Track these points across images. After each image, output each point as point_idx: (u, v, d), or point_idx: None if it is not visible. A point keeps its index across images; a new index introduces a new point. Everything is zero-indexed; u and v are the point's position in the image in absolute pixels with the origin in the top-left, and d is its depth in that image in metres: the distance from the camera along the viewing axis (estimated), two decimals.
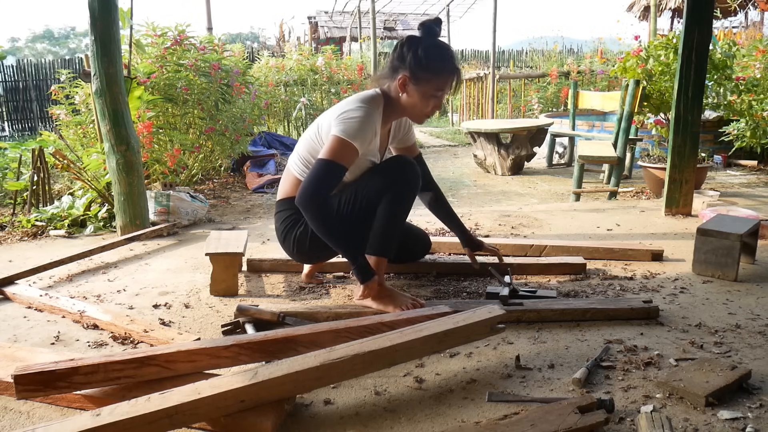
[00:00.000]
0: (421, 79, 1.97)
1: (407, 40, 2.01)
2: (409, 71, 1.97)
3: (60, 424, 1.24)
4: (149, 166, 4.28)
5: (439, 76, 1.98)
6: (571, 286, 2.38)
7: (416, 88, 1.99)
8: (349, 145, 1.92)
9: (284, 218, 2.18)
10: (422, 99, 2.01)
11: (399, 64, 2.00)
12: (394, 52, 2.03)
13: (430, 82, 1.97)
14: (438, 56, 1.98)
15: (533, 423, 1.33)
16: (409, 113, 2.08)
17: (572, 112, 6.32)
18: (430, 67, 1.96)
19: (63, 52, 41.29)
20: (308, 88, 8.49)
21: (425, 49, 1.96)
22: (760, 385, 1.57)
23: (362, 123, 1.94)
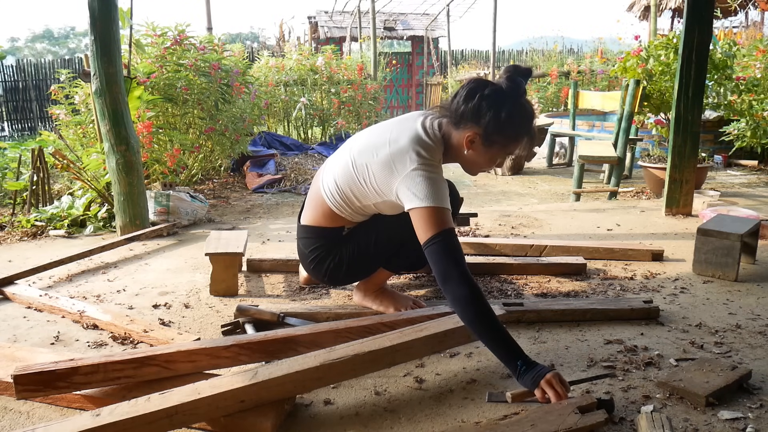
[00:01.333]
0: (495, 143, 1.74)
1: (492, 93, 1.70)
2: (483, 131, 1.71)
3: (60, 424, 1.24)
4: (149, 166, 4.28)
5: (516, 142, 1.77)
6: (571, 286, 2.37)
7: (485, 150, 1.76)
8: (441, 210, 1.67)
9: (313, 247, 2.02)
10: (488, 159, 1.80)
11: (472, 117, 1.71)
12: (468, 98, 1.72)
13: (504, 148, 1.77)
14: (520, 122, 1.73)
15: (533, 423, 1.33)
16: (467, 167, 1.86)
17: (572, 112, 6.32)
18: (507, 131, 1.72)
19: (63, 52, 41.29)
20: (308, 88, 8.49)
21: (509, 114, 1.69)
22: (760, 385, 1.57)
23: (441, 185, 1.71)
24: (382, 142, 1.80)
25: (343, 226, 1.99)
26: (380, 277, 2.11)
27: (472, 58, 16.87)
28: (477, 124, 1.71)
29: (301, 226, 2.08)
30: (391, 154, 1.75)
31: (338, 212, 1.95)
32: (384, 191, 1.80)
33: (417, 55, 16.30)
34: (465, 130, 1.74)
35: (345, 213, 1.95)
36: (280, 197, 5.26)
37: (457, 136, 1.77)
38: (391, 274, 2.15)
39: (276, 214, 4.47)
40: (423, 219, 1.65)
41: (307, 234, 2.05)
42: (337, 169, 1.92)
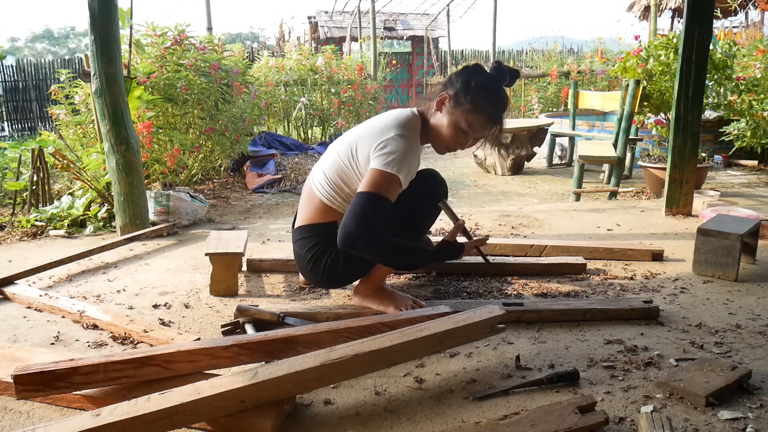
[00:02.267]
0: (460, 104, 1.87)
1: (472, 66, 1.92)
2: (453, 92, 1.89)
3: (60, 424, 1.24)
4: (149, 166, 4.28)
5: (477, 112, 1.86)
6: (571, 286, 2.37)
7: (451, 111, 1.89)
8: (394, 178, 1.78)
9: (309, 246, 2.02)
10: (451, 126, 1.89)
11: (448, 84, 1.92)
12: (450, 74, 1.95)
13: (466, 113, 1.87)
14: (489, 96, 1.87)
15: (533, 423, 1.33)
16: (434, 137, 1.96)
17: (572, 112, 6.32)
18: (475, 98, 1.86)
19: (63, 52, 41.28)
20: (308, 88, 8.49)
21: (480, 83, 1.87)
22: (760, 385, 1.57)
23: (406, 156, 1.82)
24: (367, 127, 1.96)
25: (336, 221, 1.99)
26: (379, 276, 2.10)
27: (472, 58, 16.87)
28: (451, 86, 1.91)
29: (296, 229, 2.10)
30: (374, 131, 1.90)
31: (330, 203, 1.99)
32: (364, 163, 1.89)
33: (417, 55, 16.31)
34: (440, 95, 1.92)
35: (336, 203, 1.98)
36: (280, 197, 5.26)
37: (432, 105, 1.94)
38: (389, 271, 2.15)
39: (276, 214, 4.47)
40: (374, 177, 1.79)
41: (302, 234, 2.06)
42: (325, 162, 2.04)
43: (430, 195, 2.10)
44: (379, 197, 1.77)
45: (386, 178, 1.78)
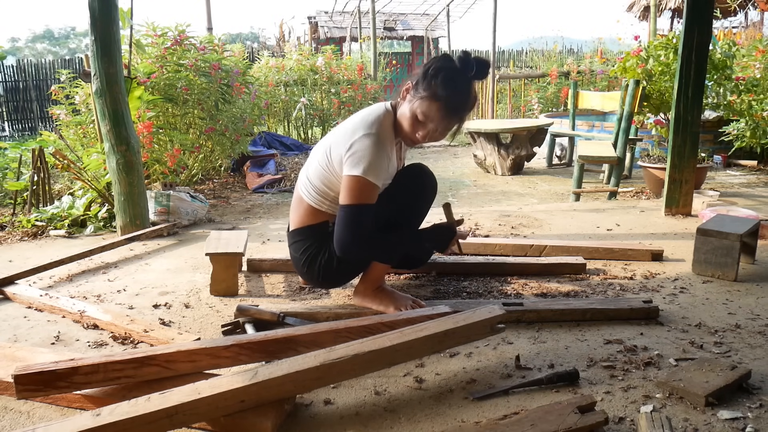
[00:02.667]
0: (418, 91, 1.85)
1: (441, 56, 1.91)
2: (414, 82, 1.88)
3: (60, 424, 1.24)
4: (149, 166, 4.29)
5: (432, 99, 1.82)
6: (571, 286, 2.38)
7: (411, 99, 1.87)
8: (364, 180, 1.81)
9: (303, 248, 2.05)
10: (409, 115, 1.87)
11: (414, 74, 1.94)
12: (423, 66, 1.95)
13: (421, 101, 1.83)
14: (446, 83, 1.81)
15: (533, 423, 1.33)
16: (399, 129, 1.94)
17: (572, 112, 6.32)
18: (431, 86, 1.82)
19: (63, 52, 41.28)
20: (308, 88, 8.50)
21: (439, 68, 1.83)
22: (760, 385, 1.57)
23: (373, 155, 1.82)
24: (340, 129, 1.97)
25: (327, 221, 2.04)
26: (377, 275, 2.10)
27: None
28: (414, 76, 1.90)
29: (290, 233, 2.14)
30: (345, 133, 1.91)
31: (318, 207, 2.03)
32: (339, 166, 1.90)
33: (417, 55, 16.32)
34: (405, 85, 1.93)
35: (324, 206, 2.03)
36: (280, 197, 5.26)
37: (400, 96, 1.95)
38: (387, 269, 2.16)
39: (276, 214, 4.47)
40: (348, 186, 1.83)
41: (296, 238, 2.10)
42: (309, 168, 2.07)
43: (418, 191, 2.10)
44: (358, 207, 1.83)
45: (358, 183, 1.82)
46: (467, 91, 1.86)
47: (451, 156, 8.30)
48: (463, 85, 1.84)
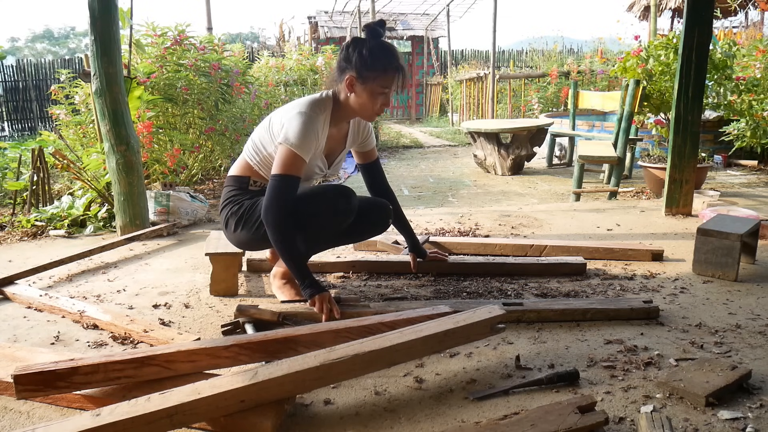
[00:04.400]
0: (367, 78, 2.01)
1: (352, 41, 2.07)
2: (355, 71, 2.02)
3: (60, 424, 1.24)
4: (149, 166, 4.28)
5: (385, 74, 2.02)
6: (571, 286, 2.38)
7: (363, 87, 2.03)
8: (295, 155, 1.98)
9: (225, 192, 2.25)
10: (370, 97, 2.05)
11: (345, 65, 2.05)
12: (340, 54, 2.09)
13: (377, 80, 2.02)
14: (382, 55, 2.02)
15: (533, 423, 1.33)
16: (360, 113, 2.12)
17: (572, 112, 6.32)
18: (375, 65, 2.01)
19: (63, 52, 41.26)
20: (308, 88, 8.49)
21: (370, 49, 2.01)
22: (760, 385, 1.57)
23: (304, 131, 1.99)
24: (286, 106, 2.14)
25: (250, 177, 2.21)
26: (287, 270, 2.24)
27: (472, 58, 16.88)
28: (350, 66, 2.03)
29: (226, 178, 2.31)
30: (287, 109, 2.09)
31: (249, 161, 2.21)
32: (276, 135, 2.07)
33: (417, 55, 16.31)
34: (344, 77, 2.05)
35: (254, 161, 2.19)
36: None
37: (341, 88, 2.08)
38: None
39: None
40: (279, 155, 1.99)
41: (225, 183, 2.27)
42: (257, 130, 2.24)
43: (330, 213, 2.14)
44: (283, 179, 1.98)
45: (287, 153, 1.99)
46: (392, 49, 2.09)
47: (451, 156, 8.30)
48: (387, 48, 2.07)
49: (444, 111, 14.83)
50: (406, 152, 8.89)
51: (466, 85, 12.02)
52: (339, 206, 2.05)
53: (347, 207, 2.06)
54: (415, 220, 3.59)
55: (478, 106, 11.39)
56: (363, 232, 2.34)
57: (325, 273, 2.60)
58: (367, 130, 2.35)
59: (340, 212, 2.06)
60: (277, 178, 1.99)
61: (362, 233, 2.35)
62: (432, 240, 2.94)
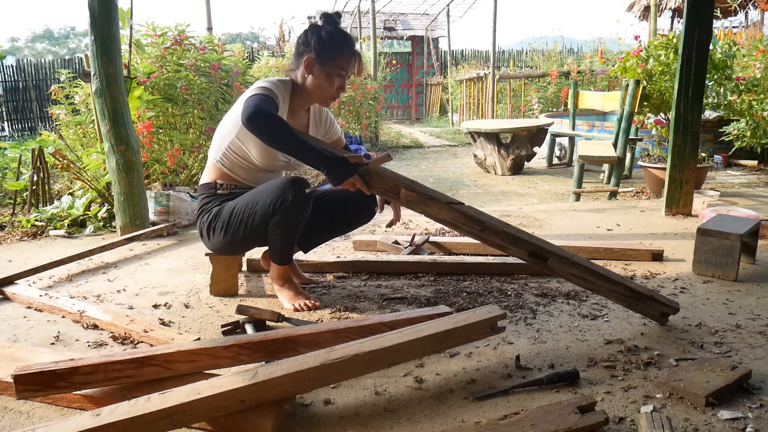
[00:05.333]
0: (325, 58, 2.09)
1: (310, 27, 2.15)
2: (314, 53, 2.09)
3: (60, 424, 1.24)
4: (149, 166, 4.28)
5: (341, 55, 2.10)
6: (572, 286, 2.38)
7: (321, 68, 2.10)
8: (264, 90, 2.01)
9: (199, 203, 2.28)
10: (327, 79, 2.11)
11: (304, 48, 2.12)
12: (298, 41, 2.16)
13: (334, 62, 2.09)
14: (340, 39, 2.11)
15: (533, 423, 1.33)
16: (317, 96, 2.16)
17: (572, 112, 6.32)
18: (333, 47, 2.09)
19: (63, 52, 41.25)
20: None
21: (328, 33, 2.10)
22: (760, 385, 1.57)
23: (267, 84, 2.05)
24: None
25: (216, 180, 2.23)
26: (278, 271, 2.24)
27: (472, 58, 16.87)
28: (308, 49, 2.10)
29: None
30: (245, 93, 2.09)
31: (213, 159, 2.23)
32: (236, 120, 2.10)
33: (417, 55, 16.31)
34: (302, 60, 2.11)
35: (217, 157, 2.21)
36: None
37: (299, 71, 2.14)
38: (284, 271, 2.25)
39: None
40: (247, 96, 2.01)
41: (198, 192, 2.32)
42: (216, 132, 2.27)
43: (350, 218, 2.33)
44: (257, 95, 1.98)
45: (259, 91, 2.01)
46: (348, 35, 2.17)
47: (451, 156, 8.30)
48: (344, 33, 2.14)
49: (444, 111, 14.83)
50: (406, 152, 8.89)
51: (466, 85, 12.02)
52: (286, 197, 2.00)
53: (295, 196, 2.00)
54: (415, 220, 3.59)
55: (478, 106, 11.39)
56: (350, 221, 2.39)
57: (325, 273, 2.60)
58: (329, 120, 2.39)
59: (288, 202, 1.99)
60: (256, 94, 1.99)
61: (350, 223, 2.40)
62: (432, 240, 2.94)
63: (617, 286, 1.88)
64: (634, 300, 1.90)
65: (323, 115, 2.36)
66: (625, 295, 1.89)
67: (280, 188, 2.02)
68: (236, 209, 2.12)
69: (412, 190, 1.89)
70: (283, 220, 2.04)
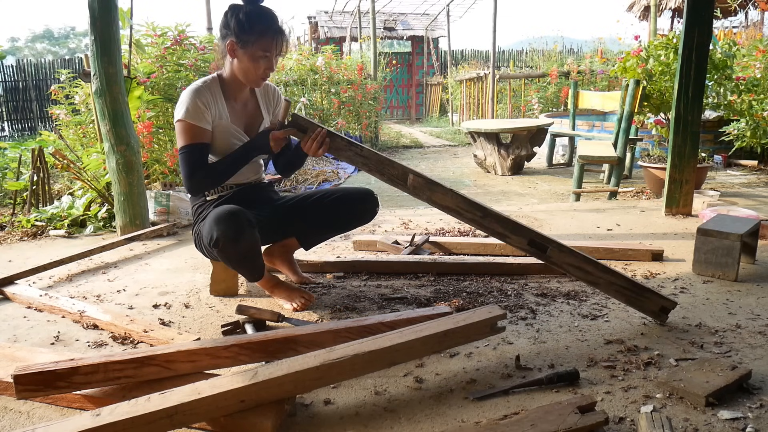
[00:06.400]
0: (247, 42, 2.02)
1: (229, 7, 2.07)
2: (234, 36, 2.03)
3: (60, 424, 1.24)
4: (149, 166, 4.28)
5: (263, 37, 2.02)
6: (571, 286, 2.37)
7: (244, 52, 2.04)
8: (188, 124, 2.04)
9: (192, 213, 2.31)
10: (252, 61, 2.05)
11: (226, 32, 2.06)
12: (220, 24, 2.09)
13: (256, 44, 2.02)
14: (260, 19, 2.03)
15: (533, 423, 1.33)
16: (245, 79, 2.12)
17: (572, 112, 6.31)
18: (253, 29, 2.01)
19: (63, 52, 41.24)
20: (308, 88, 8.49)
21: (247, 14, 2.02)
22: (760, 385, 1.57)
23: (186, 101, 2.05)
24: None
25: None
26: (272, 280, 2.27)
27: (472, 58, 16.86)
28: (229, 32, 2.04)
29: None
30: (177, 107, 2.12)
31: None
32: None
33: (417, 55, 16.30)
34: (225, 43, 2.07)
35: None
36: None
37: (226, 58, 2.11)
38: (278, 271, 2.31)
39: None
40: (177, 131, 2.08)
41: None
42: None
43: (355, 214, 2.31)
44: (187, 148, 2.05)
45: (181, 126, 2.06)
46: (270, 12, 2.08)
47: (451, 156, 8.30)
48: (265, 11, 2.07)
49: (444, 111, 14.83)
50: (406, 152, 8.89)
51: (466, 85, 12.02)
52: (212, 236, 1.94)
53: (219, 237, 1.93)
54: (414, 220, 3.59)
55: (478, 106, 11.39)
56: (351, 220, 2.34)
57: (325, 273, 2.60)
58: (276, 94, 2.35)
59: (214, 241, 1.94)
60: (182, 152, 2.05)
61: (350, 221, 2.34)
62: (432, 240, 2.94)
63: (617, 278, 1.89)
64: (633, 293, 1.91)
65: (269, 92, 2.33)
66: (624, 288, 1.90)
67: (208, 227, 1.97)
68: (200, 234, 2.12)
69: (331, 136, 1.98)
70: (222, 256, 2.02)
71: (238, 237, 1.93)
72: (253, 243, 2.01)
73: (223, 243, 1.93)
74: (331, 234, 2.45)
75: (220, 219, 1.93)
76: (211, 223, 1.94)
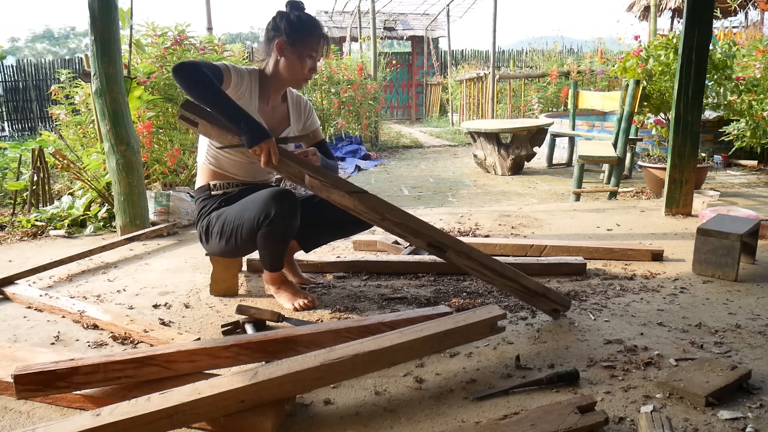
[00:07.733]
0: (296, 40, 2.14)
1: (278, 13, 2.20)
2: (285, 36, 2.14)
3: (60, 424, 1.24)
4: (149, 166, 4.28)
5: (311, 36, 2.16)
6: (571, 286, 2.38)
7: (293, 50, 2.15)
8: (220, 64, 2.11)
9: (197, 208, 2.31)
10: (299, 59, 2.16)
11: (275, 33, 2.17)
12: (267, 27, 2.20)
13: (305, 43, 2.15)
14: (309, 22, 2.18)
15: (533, 423, 1.33)
16: (289, 78, 2.20)
17: (572, 112, 6.32)
18: (304, 29, 2.15)
19: (63, 52, 41.25)
20: (308, 88, 8.49)
21: (298, 16, 2.17)
22: (760, 385, 1.57)
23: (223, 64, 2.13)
24: None
25: (208, 183, 2.26)
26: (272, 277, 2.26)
27: (472, 58, 16.87)
28: (279, 33, 2.15)
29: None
30: None
31: (202, 162, 2.26)
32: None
33: (417, 55, 16.31)
34: (273, 44, 2.16)
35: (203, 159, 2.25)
36: None
37: (271, 57, 2.20)
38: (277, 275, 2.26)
39: None
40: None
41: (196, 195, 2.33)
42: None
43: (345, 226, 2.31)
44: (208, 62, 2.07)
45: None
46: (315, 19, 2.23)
47: (451, 156, 8.30)
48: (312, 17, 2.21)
49: (444, 111, 14.83)
50: (406, 152, 8.89)
51: (466, 85, 12.02)
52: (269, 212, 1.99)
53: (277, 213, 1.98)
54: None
55: (478, 106, 11.39)
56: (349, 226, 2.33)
57: (325, 273, 2.60)
58: (308, 109, 2.43)
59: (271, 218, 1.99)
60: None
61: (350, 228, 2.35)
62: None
63: (511, 281, 1.92)
64: (527, 295, 1.96)
65: (302, 104, 2.40)
66: (518, 290, 1.95)
67: (263, 203, 2.01)
68: (228, 218, 2.13)
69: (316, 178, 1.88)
70: (269, 234, 2.05)
71: (294, 214, 2.04)
72: (296, 227, 2.11)
73: (279, 219, 2.00)
74: (331, 238, 2.48)
75: (277, 197, 2.00)
76: (267, 200, 2.00)
